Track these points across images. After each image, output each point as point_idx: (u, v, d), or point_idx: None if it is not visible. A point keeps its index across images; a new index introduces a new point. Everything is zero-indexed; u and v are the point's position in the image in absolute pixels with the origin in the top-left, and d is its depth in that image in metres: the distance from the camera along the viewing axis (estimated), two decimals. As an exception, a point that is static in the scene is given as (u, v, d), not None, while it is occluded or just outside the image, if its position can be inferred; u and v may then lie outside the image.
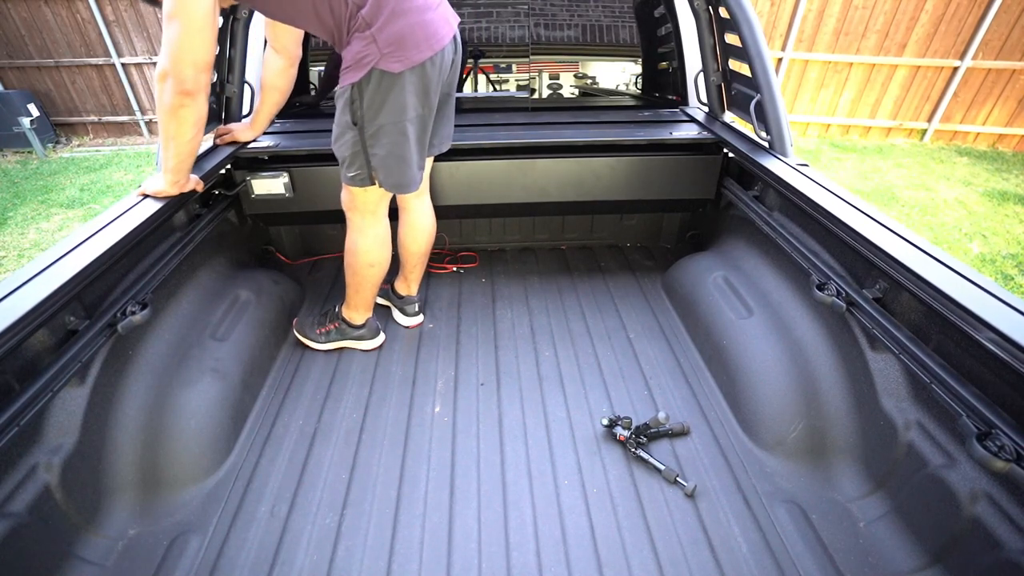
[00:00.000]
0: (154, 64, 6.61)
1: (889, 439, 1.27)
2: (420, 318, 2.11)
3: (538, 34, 2.36)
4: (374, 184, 1.59)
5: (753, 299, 1.78)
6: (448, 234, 2.55)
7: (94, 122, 7.03)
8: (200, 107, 1.38)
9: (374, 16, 1.35)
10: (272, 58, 1.75)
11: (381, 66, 1.38)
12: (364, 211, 1.69)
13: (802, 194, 1.55)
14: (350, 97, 1.44)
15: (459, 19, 1.58)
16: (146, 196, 1.55)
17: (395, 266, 2.12)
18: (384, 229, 1.77)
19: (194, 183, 1.62)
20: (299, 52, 1.76)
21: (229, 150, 1.91)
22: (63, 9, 6.24)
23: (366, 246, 1.73)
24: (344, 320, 1.90)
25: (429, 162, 1.88)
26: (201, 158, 1.83)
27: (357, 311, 1.88)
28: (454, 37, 1.54)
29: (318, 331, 1.92)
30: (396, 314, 2.13)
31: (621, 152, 2.12)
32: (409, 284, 2.07)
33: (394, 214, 1.94)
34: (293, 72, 1.80)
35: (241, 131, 1.97)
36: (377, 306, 2.17)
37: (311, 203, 2.11)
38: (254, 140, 2.00)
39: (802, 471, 1.43)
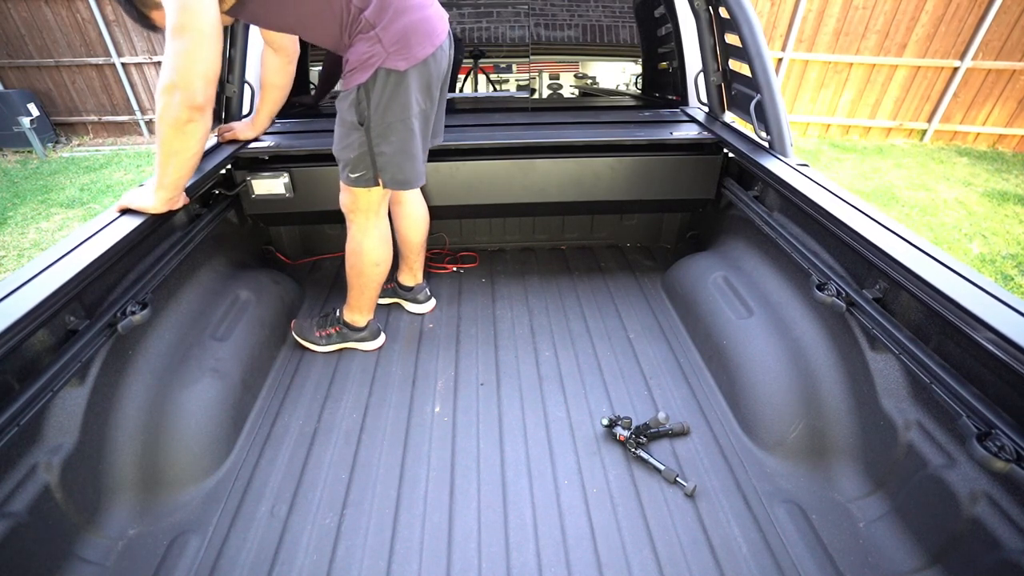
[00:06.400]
0: (155, 64, 6.62)
1: (889, 439, 1.27)
2: (433, 302, 2.18)
3: (538, 34, 2.36)
4: (378, 185, 1.59)
5: (753, 299, 1.78)
6: (448, 234, 2.55)
7: (94, 122, 7.03)
8: (207, 121, 1.33)
9: (378, 16, 1.36)
10: (270, 56, 1.75)
11: (388, 65, 1.39)
12: (368, 211, 1.69)
13: (802, 194, 1.55)
14: (356, 98, 1.44)
15: (448, 16, 1.59)
16: (127, 211, 1.46)
17: (395, 263, 2.13)
18: (386, 227, 1.78)
19: (182, 200, 1.55)
20: (297, 49, 1.76)
21: (230, 150, 1.91)
22: (63, 9, 6.23)
23: (371, 246, 1.74)
24: (346, 324, 1.89)
25: None
26: (201, 159, 1.83)
27: (360, 313, 1.88)
28: (449, 33, 1.56)
29: (318, 334, 1.92)
30: (409, 306, 2.16)
31: (621, 152, 2.12)
32: (415, 273, 2.11)
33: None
34: (292, 69, 1.80)
35: (242, 129, 1.97)
36: (377, 306, 2.17)
37: (311, 203, 2.11)
38: (256, 139, 2.00)
39: (802, 471, 1.43)
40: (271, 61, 1.76)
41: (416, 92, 1.46)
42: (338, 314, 1.91)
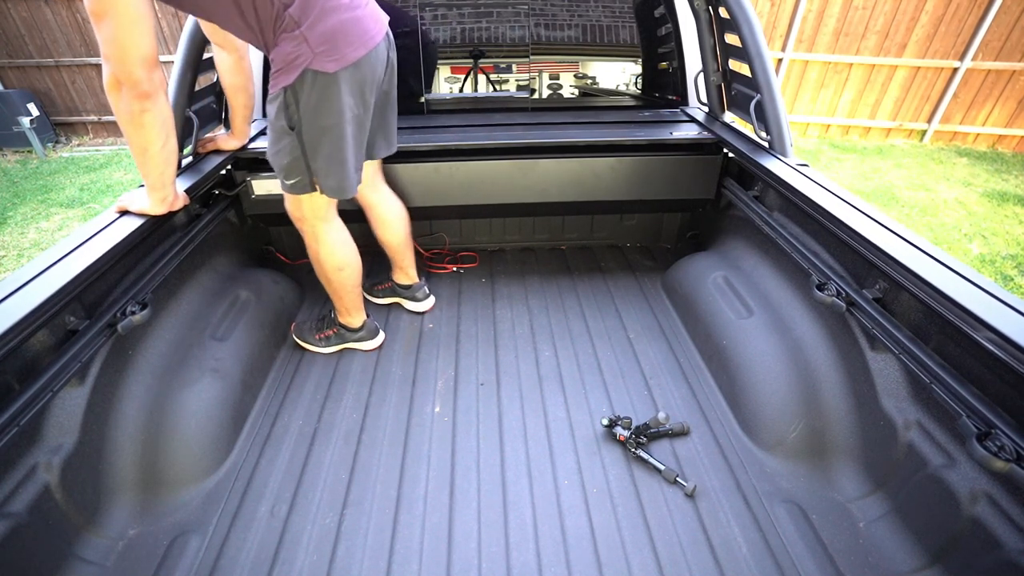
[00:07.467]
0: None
1: (889, 439, 1.27)
2: (432, 300, 2.15)
3: (538, 34, 2.36)
4: (315, 190, 1.53)
5: (753, 299, 1.78)
6: (448, 234, 2.55)
7: (94, 122, 7.02)
8: (163, 108, 1.26)
9: (303, 14, 1.28)
10: (220, 57, 1.68)
11: (315, 66, 1.31)
12: (315, 218, 1.63)
13: (802, 194, 1.55)
14: (284, 101, 1.37)
15: (388, 18, 1.52)
16: (126, 213, 1.44)
17: (389, 263, 2.13)
18: (340, 231, 1.72)
19: (182, 200, 1.52)
20: (245, 43, 1.65)
21: (229, 150, 1.91)
22: (63, 8, 6.23)
23: (328, 252, 1.70)
24: (342, 325, 1.89)
25: (378, 164, 1.84)
26: (201, 160, 1.83)
27: (350, 315, 1.87)
28: (386, 35, 1.50)
29: (317, 336, 1.91)
30: (408, 304, 2.14)
31: (621, 152, 2.12)
32: (407, 272, 2.08)
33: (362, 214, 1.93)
34: (246, 64, 1.72)
35: (224, 140, 1.90)
36: (377, 306, 2.17)
37: None
38: (241, 148, 1.93)
39: (802, 471, 1.43)
40: (223, 62, 1.69)
41: (348, 96, 1.39)
42: (333, 316, 1.91)
